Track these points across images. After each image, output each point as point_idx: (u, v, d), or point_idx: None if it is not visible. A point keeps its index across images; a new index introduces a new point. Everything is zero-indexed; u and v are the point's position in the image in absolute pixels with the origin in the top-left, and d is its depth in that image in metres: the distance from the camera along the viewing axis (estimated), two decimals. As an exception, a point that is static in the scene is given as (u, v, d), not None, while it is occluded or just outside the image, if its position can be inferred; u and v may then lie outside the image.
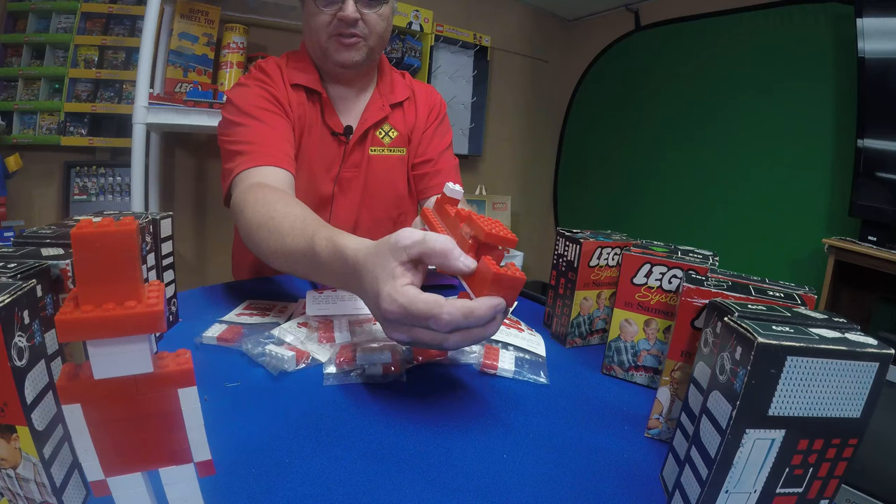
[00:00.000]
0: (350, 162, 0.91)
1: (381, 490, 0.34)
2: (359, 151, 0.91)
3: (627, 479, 0.38)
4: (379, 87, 0.94)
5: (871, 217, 1.71)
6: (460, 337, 0.39)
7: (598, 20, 2.96)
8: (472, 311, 0.38)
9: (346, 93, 0.91)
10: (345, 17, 0.79)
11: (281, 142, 0.79)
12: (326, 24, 0.80)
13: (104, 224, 0.20)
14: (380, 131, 0.94)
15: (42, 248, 0.34)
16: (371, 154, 0.92)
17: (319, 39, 0.82)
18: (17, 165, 1.52)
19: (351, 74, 0.88)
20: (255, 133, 0.79)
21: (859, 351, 0.26)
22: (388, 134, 0.94)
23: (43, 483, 0.26)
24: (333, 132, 0.89)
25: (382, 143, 0.93)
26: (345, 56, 0.83)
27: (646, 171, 2.72)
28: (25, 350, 0.25)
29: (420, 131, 0.97)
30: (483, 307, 0.39)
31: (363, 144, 0.91)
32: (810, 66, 2.01)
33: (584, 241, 0.59)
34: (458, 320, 0.38)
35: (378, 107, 0.92)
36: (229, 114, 0.82)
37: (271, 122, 0.81)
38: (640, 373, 0.55)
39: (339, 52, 0.82)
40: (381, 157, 0.94)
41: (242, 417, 0.42)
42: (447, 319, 0.38)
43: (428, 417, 0.44)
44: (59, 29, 1.72)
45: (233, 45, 1.77)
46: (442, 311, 0.38)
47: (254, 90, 0.84)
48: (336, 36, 0.81)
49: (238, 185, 0.73)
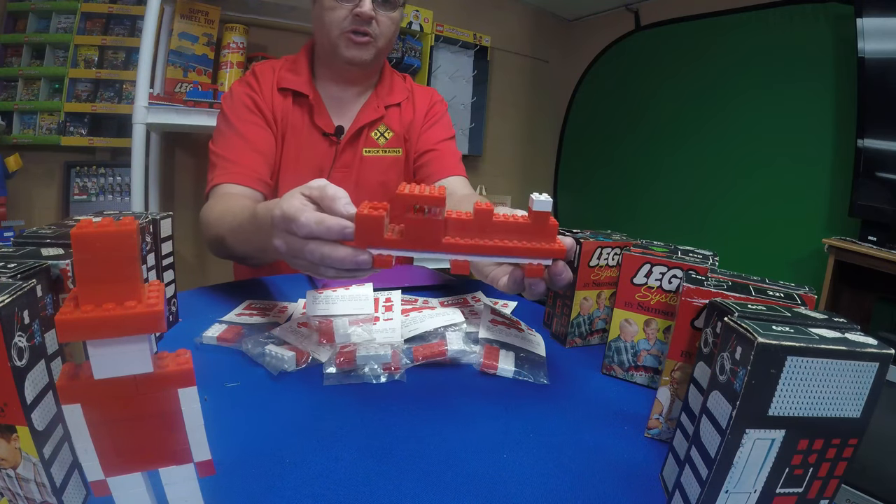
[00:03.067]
0: (341, 162, 0.91)
1: (381, 490, 0.34)
2: (350, 152, 0.91)
3: (627, 479, 0.38)
4: (377, 90, 0.94)
5: (871, 217, 1.71)
6: (315, 248, 0.42)
7: (598, 20, 2.96)
8: (323, 220, 0.42)
9: (342, 93, 0.92)
10: (362, 13, 0.79)
11: (254, 159, 0.84)
12: (341, 20, 0.81)
13: (104, 224, 0.20)
14: (375, 132, 0.93)
15: (42, 248, 0.34)
16: (364, 155, 0.92)
17: (331, 34, 0.83)
18: (17, 165, 1.52)
19: (355, 73, 0.89)
20: (232, 148, 0.84)
21: (859, 351, 0.26)
22: (384, 135, 0.94)
23: (43, 483, 0.26)
24: (324, 133, 0.89)
25: (377, 143, 0.93)
26: (354, 53, 0.84)
27: (646, 171, 2.72)
28: (25, 350, 0.25)
29: (418, 127, 0.97)
30: (333, 220, 0.42)
31: (355, 145, 0.91)
32: (810, 66, 2.01)
33: (584, 241, 0.59)
34: (311, 224, 0.42)
35: (373, 108, 0.92)
36: (219, 121, 0.87)
37: (251, 135, 0.85)
38: (640, 373, 0.55)
39: (349, 48, 0.83)
40: (376, 158, 0.94)
41: (242, 417, 0.42)
42: (303, 221, 0.42)
43: (428, 417, 0.44)
44: (59, 29, 1.72)
45: (233, 45, 1.77)
46: (302, 214, 0.42)
47: (238, 99, 0.87)
48: (348, 33, 0.82)
49: (211, 197, 0.82)
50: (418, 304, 0.69)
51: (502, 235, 0.44)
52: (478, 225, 0.44)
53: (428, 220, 0.43)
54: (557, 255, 0.44)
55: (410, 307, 0.67)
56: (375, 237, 0.43)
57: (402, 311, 0.64)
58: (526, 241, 0.44)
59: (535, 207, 0.44)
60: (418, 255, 0.44)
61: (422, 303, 0.70)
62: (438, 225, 0.43)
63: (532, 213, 0.44)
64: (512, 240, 0.44)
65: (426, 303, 0.70)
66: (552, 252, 0.44)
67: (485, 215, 0.44)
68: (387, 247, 0.44)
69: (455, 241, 0.44)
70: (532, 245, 0.44)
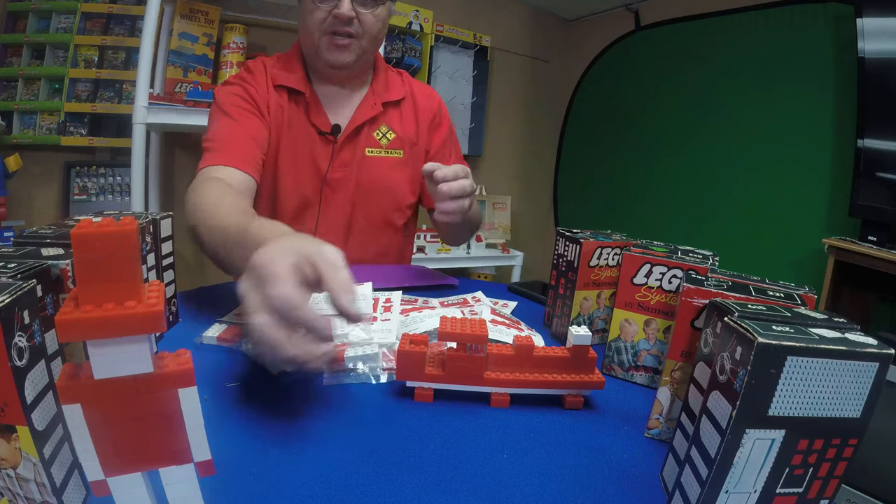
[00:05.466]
0: (339, 161, 0.90)
1: (381, 490, 0.34)
2: (349, 151, 0.90)
3: (627, 479, 0.38)
4: (373, 86, 0.93)
5: (871, 217, 1.71)
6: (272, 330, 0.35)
7: (598, 20, 2.96)
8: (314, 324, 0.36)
9: (336, 92, 0.91)
10: (340, 14, 0.79)
11: (247, 143, 0.81)
12: (321, 22, 0.80)
13: (104, 224, 0.20)
14: (377, 132, 0.93)
15: (42, 248, 0.34)
16: (367, 155, 0.92)
17: (313, 37, 0.82)
18: (17, 165, 1.52)
19: (342, 75, 0.88)
20: (225, 131, 0.82)
21: (859, 351, 0.26)
22: (386, 135, 0.94)
23: (43, 483, 0.26)
24: (320, 131, 0.88)
25: (379, 144, 0.93)
26: (336, 56, 0.83)
27: (646, 171, 2.72)
28: (25, 350, 0.25)
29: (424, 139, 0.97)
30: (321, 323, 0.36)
31: (354, 143, 0.91)
32: (810, 66, 2.01)
33: (584, 241, 0.59)
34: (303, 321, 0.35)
35: (369, 105, 0.91)
36: (210, 115, 0.86)
37: (243, 121, 0.83)
38: (640, 373, 0.55)
39: (330, 51, 0.82)
40: (378, 159, 0.93)
41: (242, 417, 0.42)
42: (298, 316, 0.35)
43: (428, 417, 0.44)
44: (59, 29, 1.72)
45: (233, 45, 1.77)
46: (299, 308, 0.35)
47: (232, 88, 0.86)
48: (329, 35, 0.81)
49: (198, 177, 0.76)
50: (418, 303, 0.69)
51: (542, 368, 0.47)
52: (518, 359, 0.46)
53: (470, 358, 0.45)
54: (597, 388, 0.47)
55: (410, 307, 0.67)
56: (417, 372, 0.45)
57: (402, 311, 0.64)
58: (566, 373, 0.47)
59: (575, 342, 0.46)
60: (459, 389, 0.46)
61: (422, 303, 0.70)
62: (481, 361, 0.45)
63: (572, 347, 0.46)
64: (552, 373, 0.47)
65: (426, 303, 0.70)
66: (592, 384, 0.47)
67: (525, 350, 0.46)
68: (428, 381, 0.46)
69: (497, 377, 0.46)
70: (572, 378, 0.47)
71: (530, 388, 0.46)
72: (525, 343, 0.46)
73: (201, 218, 0.64)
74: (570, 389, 0.47)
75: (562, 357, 0.46)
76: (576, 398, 0.47)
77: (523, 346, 0.46)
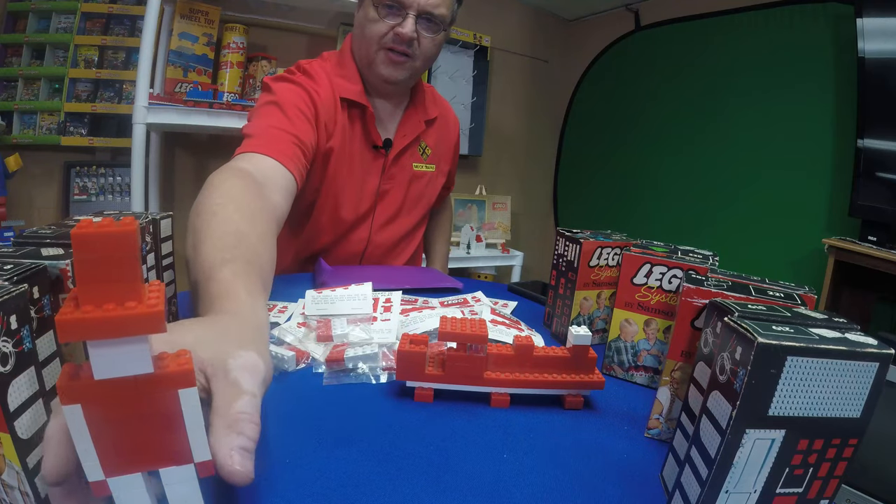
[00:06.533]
0: (388, 174, 0.91)
1: (382, 490, 0.34)
2: (397, 165, 0.92)
3: (627, 479, 0.38)
4: (414, 102, 0.95)
5: (871, 217, 1.71)
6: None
7: (598, 20, 2.96)
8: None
9: (383, 105, 0.91)
10: (402, 33, 0.78)
11: (295, 143, 0.74)
12: (381, 35, 0.80)
13: (104, 224, 0.20)
14: (420, 147, 0.96)
15: (42, 248, 0.34)
16: (415, 170, 0.95)
17: (370, 48, 0.82)
18: (17, 165, 1.52)
19: (391, 89, 0.88)
20: (274, 124, 0.74)
21: (859, 351, 0.26)
22: (425, 151, 0.97)
23: (26, 492, 0.26)
24: (374, 145, 0.89)
25: (422, 158, 0.96)
26: (390, 72, 0.83)
27: (646, 171, 2.72)
28: (11, 356, 0.24)
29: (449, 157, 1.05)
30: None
31: (401, 158, 0.93)
32: (810, 66, 2.01)
33: (584, 241, 0.59)
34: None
35: (416, 122, 0.93)
36: (261, 98, 0.80)
37: (297, 122, 0.76)
38: (640, 373, 0.55)
39: (385, 66, 0.82)
40: (422, 173, 0.97)
41: (242, 417, 0.42)
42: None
43: (428, 417, 0.44)
44: (59, 29, 1.72)
45: (233, 45, 1.77)
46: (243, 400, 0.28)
47: (295, 88, 0.80)
48: (386, 50, 0.81)
49: (226, 165, 0.65)
50: (418, 303, 0.69)
51: (542, 369, 0.47)
52: (518, 359, 0.46)
53: (470, 358, 0.45)
54: (597, 388, 0.47)
55: (410, 307, 0.67)
56: (417, 372, 0.45)
57: (402, 312, 0.64)
58: (566, 373, 0.47)
59: (575, 342, 0.46)
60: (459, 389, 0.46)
61: (422, 303, 0.70)
62: (481, 361, 0.45)
63: (572, 347, 0.46)
64: (552, 373, 0.47)
65: (426, 303, 0.70)
66: (592, 384, 0.47)
67: (525, 350, 0.46)
68: (428, 381, 0.46)
69: (497, 377, 0.46)
70: (572, 378, 0.47)
71: (530, 388, 0.46)
72: (525, 343, 0.46)
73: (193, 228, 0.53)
74: (570, 389, 0.47)
75: (562, 357, 0.47)
76: (576, 398, 0.47)
77: (523, 346, 0.46)
